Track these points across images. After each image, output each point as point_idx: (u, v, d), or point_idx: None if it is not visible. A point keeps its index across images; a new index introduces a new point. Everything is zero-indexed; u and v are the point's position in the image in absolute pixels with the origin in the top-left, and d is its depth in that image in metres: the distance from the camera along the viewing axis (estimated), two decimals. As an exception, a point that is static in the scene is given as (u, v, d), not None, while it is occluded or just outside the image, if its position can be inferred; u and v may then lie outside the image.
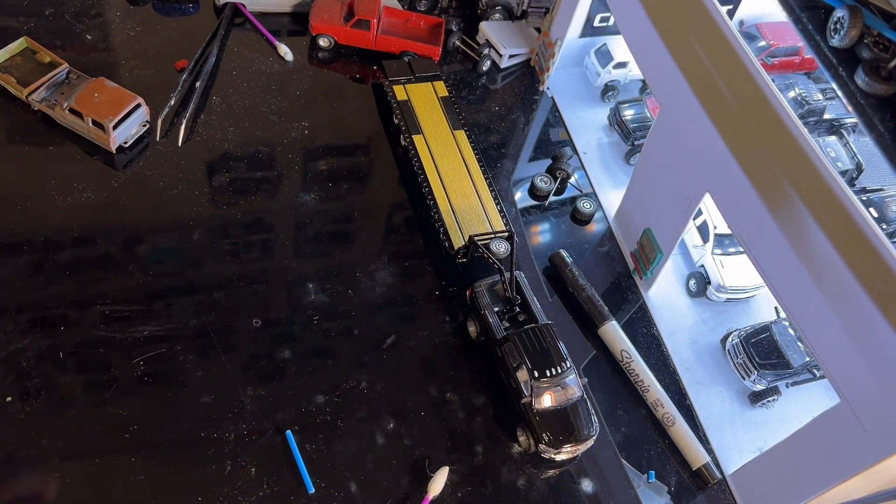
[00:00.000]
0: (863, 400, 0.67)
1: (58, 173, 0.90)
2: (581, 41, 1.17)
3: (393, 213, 0.99)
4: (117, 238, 0.86)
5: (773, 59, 1.16)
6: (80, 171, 0.91)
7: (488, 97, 1.15)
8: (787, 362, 0.90)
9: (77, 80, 0.95)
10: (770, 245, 0.75)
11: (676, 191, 0.90)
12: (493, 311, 0.84)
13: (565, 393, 0.79)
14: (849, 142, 1.08)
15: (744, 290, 0.97)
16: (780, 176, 0.73)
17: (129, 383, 0.65)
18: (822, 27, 0.77)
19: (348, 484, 0.74)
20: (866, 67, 0.72)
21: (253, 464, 0.73)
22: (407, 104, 1.05)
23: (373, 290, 0.89)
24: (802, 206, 0.70)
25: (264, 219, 0.93)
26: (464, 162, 1.00)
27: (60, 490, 0.66)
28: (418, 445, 0.78)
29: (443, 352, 0.86)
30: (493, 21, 1.22)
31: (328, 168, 1.00)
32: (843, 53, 0.75)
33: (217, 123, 1.00)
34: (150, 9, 1.11)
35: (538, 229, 1.03)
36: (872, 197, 1.00)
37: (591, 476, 0.80)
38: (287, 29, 1.16)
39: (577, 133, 1.14)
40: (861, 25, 0.73)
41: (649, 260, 0.95)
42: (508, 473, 0.78)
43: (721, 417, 0.89)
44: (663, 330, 0.95)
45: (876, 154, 0.98)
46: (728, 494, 0.83)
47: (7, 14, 1.05)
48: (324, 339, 0.83)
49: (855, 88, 0.73)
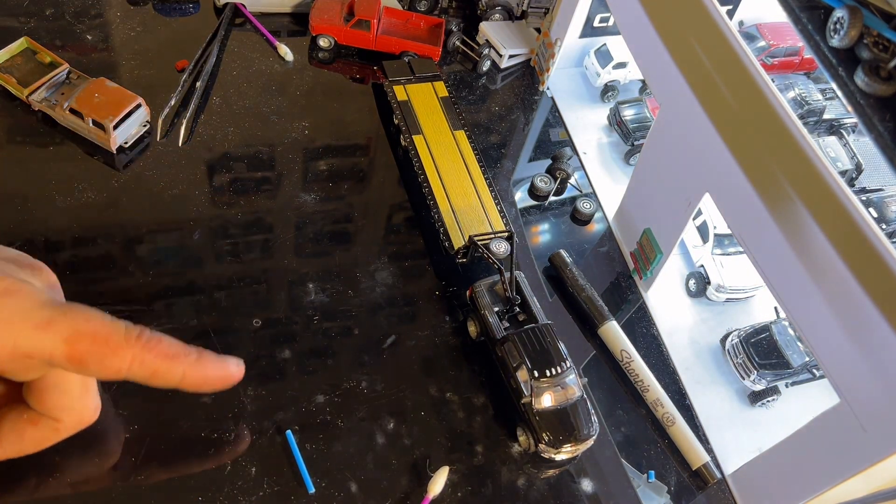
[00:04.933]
0: (862, 400, 0.67)
1: (58, 173, 0.90)
2: (581, 41, 1.17)
3: (393, 213, 0.99)
4: (117, 238, 0.86)
5: (773, 59, 1.16)
6: (80, 171, 0.91)
7: (488, 97, 1.15)
8: (787, 362, 0.90)
9: (77, 80, 0.95)
10: (770, 245, 0.75)
11: (676, 191, 0.90)
12: (493, 311, 0.84)
13: (565, 393, 0.79)
14: (848, 142, 1.08)
15: (744, 290, 0.97)
16: (780, 176, 0.73)
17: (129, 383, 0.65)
18: (822, 27, 0.76)
19: (348, 484, 0.74)
20: (866, 67, 0.72)
21: (253, 464, 0.73)
22: (407, 104, 1.05)
23: (373, 290, 0.89)
24: (802, 206, 0.71)
25: (264, 219, 0.93)
26: (464, 162, 1.00)
27: (60, 490, 0.66)
28: (418, 445, 0.78)
29: (443, 352, 0.86)
30: (493, 21, 1.22)
31: (328, 168, 1.00)
32: (842, 53, 0.75)
33: (217, 123, 1.00)
34: (150, 9, 1.11)
35: (538, 229, 1.03)
36: (872, 197, 1.00)
37: (591, 476, 0.80)
38: (287, 29, 1.16)
39: (577, 133, 1.14)
40: (861, 26, 0.73)
41: (649, 260, 0.95)
42: (508, 473, 0.79)
43: (721, 417, 0.89)
44: (663, 330, 0.95)
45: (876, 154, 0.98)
46: (728, 494, 0.83)
47: (7, 14, 1.05)
48: (324, 339, 0.84)
49: (855, 88, 0.73)
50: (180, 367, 0.59)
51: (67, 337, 0.54)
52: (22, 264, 0.61)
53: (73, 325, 0.55)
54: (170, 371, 0.59)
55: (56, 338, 0.54)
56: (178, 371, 0.59)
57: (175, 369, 0.59)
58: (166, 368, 0.59)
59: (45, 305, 0.55)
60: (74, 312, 0.56)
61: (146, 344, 0.57)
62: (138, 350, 0.57)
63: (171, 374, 0.59)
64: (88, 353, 0.55)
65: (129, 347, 0.56)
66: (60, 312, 0.55)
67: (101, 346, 0.55)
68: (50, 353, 0.54)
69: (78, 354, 0.55)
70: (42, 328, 0.54)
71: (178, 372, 0.59)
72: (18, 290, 0.55)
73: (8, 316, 0.54)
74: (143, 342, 0.57)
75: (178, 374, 0.59)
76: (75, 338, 0.55)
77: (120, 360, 0.56)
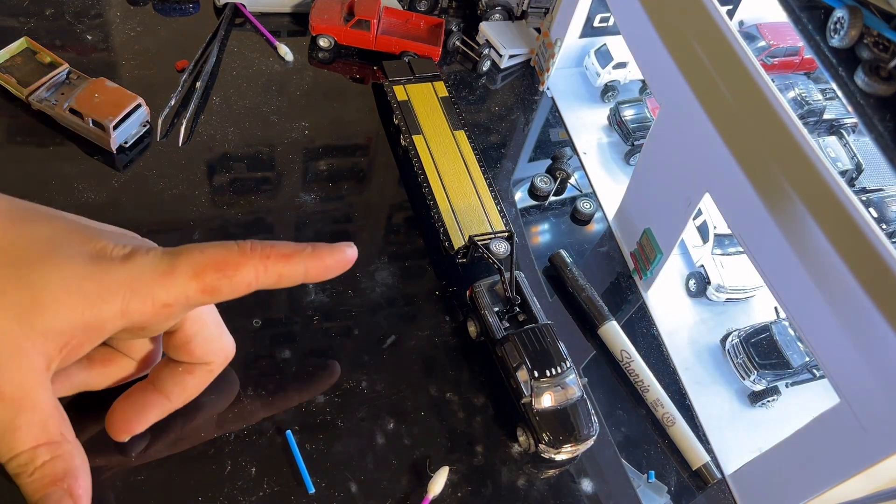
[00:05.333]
0: (863, 400, 0.67)
1: (58, 173, 0.90)
2: (581, 41, 1.17)
3: (393, 213, 0.99)
4: (117, 238, 0.86)
5: (773, 59, 1.16)
6: (80, 171, 0.91)
7: (488, 97, 1.15)
8: (787, 362, 0.90)
9: (77, 80, 0.95)
10: (770, 245, 0.75)
11: (676, 191, 0.90)
12: (493, 311, 0.84)
13: (565, 393, 0.79)
14: (849, 142, 1.08)
15: (744, 290, 0.97)
16: (780, 176, 0.73)
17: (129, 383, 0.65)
18: (822, 27, 0.76)
19: (348, 484, 0.73)
20: (866, 67, 0.72)
21: (253, 464, 0.73)
22: (407, 104, 1.05)
23: (373, 290, 0.89)
24: (802, 206, 0.70)
25: (264, 219, 0.93)
26: (464, 162, 1.00)
27: (60, 490, 0.66)
28: (418, 445, 0.78)
29: (443, 352, 0.86)
30: (493, 21, 1.22)
31: (328, 168, 1.00)
32: (842, 53, 0.75)
33: (217, 123, 1.00)
34: (150, 9, 1.11)
35: (538, 229, 1.03)
36: (872, 197, 1.00)
37: (591, 476, 0.80)
38: (287, 29, 1.16)
39: (577, 133, 1.14)
40: (861, 26, 0.73)
41: (649, 260, 0.95)
42: (508, 473, 0.78)
43: (721, 417, 0.89)
44: (663, 330, 0.95)
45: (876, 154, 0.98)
46: (728, 494, 0.83)
47: (7, 14, 1.05)
48: (324, 339, 0.84)
49: (855, 88, 0.73)
50: (301, 264, 0.63)
51: (193, 274, 0.59)
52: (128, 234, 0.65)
53: (192, 262, 0.59)
54: (293, 270, 0.63)
55: (184, 279, 0.58)
56: (300, 268, 0.63)
57: (297, 267, 0.63)
58: (289, 269, 0.63)
59: (163, 256, 0.59)
60: (188, 250, 0.60)
61: (262, 251, 0.61)
62: (258, 260, 0.61)
63: (294, 272, 0.63)
64: (216, 280, 0.59)
65: (249, 259, 0.60)
66: (176, 255, 0.59)
67: (224, 268, 0.59)
68: (185, 294, 0.59)
69: (209, 285, 0.59)
70: (169, 274, 0.58)
71: (300, 269, 0.63)
72: (138, 249, 0.59)
73: (139, 274, 0.58)
74: (259, 251, 0.61)
75: (300, 271, 0.64)
76: (200, 272, 0.59)
77: (245, 273, 0.61)
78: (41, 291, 0.55)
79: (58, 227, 0.60)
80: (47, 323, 0.55)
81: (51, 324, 0.55)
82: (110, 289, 0.57)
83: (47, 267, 0.56)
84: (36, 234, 0.58)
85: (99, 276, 0.57)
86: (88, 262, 0.58)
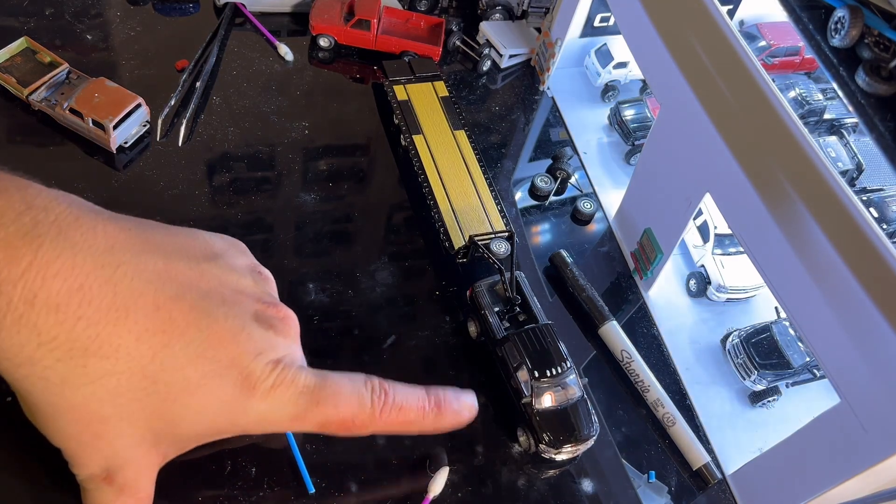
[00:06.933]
0: (863, 400, 0.67)
1: (58, 173, 0.90)
2: (581, 41, 1.17)
3: (393, 213, 0.99)
4: (117, 238, 0.86)
5: (774, 59, 1.16)
6: (80, 171, 0.91)
7: (488, 97, 1.15)
8: (788, 362, 0.90)
9: (77, 80, 0.95)
10: (770, 245, 0.75)
11: (676, 191, 0.89)
12: (493, 311, 0.84)
13: (565, 393, 0.79)
14: (849, 142, 1.08)
15: (744, 290, 0.97)
16: (781, 176, 0.73)
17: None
18: (823, 27, 0.76)
19: (348, 484, 0.73)
20: (867, 67, 0.72)
21: (253, 464, 0.72)
22: (407, 104, 1.05)
23: (373, 290, 0.89)
24: (802, 206, 0.70)
25: (264, 219, 0.93)
26: (464, 162, 1.00)
27: (60, 490, 0.66)
28: (418, 445, 0.78)
29: (443, 352, 0.86)
30: (494, 21, 1.22)
31: (328, 168, 1.00)
32: (843, 53, 0.75)
33: (217, 123, 1.00)
34: (150, 9, 1.11)
35: (538, 229, 1.03)
36: (872, 197, 1.00)
37: (592, 476, 0.80)
38: (287, 29, 1.16)
39: (578, 133, 1.14)
40: (861, 25, 0.73)
41: (649, 260, 0.95)
42: (508, 473, 0.78)
43: (721, 417, 0.88)
44: (663, 330, 0.95)
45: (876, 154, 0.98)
46: (728, 494, 0.83)
47: (7, 14, 1.05)
48: (324, 339, 0.83)
49: (855, 88, 0.73)
50: (417, 429, 0.67)
51: (319, 425, 0.61)
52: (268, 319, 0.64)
53: (325, 415, 0.61)
54: (407, 431, 0.67)
55: (310, 425, 0.61)
56: (414, 431, 0.67)
57: (411, 430, 0.67)
58: (406, 430, 0.67)
59: (301, 397, 0.59)
60: (327, 398, 0.60)
61: (387, 418, 0.63)
62: (381, 425, 0.64)
63: (408, 432, 0.68)
64: (336, 432, 0.63)
65: (375, 424, 0.63)
66: (315, 403, 0.60)
67: (351, 428, 0.62)
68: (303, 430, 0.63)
69: (327, 432, 0.63)
70: (299, 419, 0.60)
71: (414, 431, 0.67)
72: (282, 380, 0.59)
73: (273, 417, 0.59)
74: (385, 415, 0.63)
75: (414, 432, 0.67)
76: (326, 424, 0.61)
77: (363, 433, 0.64)
78: (178, 424, 0.58)
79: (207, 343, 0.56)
80: (176, 438, 0.60)
81: (178, 440, 0.61)
82: (243, 425, 0.60)
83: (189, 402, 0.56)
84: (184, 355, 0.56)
85: (235, 418, 0.59)
86: (231, 396, 0.57)
